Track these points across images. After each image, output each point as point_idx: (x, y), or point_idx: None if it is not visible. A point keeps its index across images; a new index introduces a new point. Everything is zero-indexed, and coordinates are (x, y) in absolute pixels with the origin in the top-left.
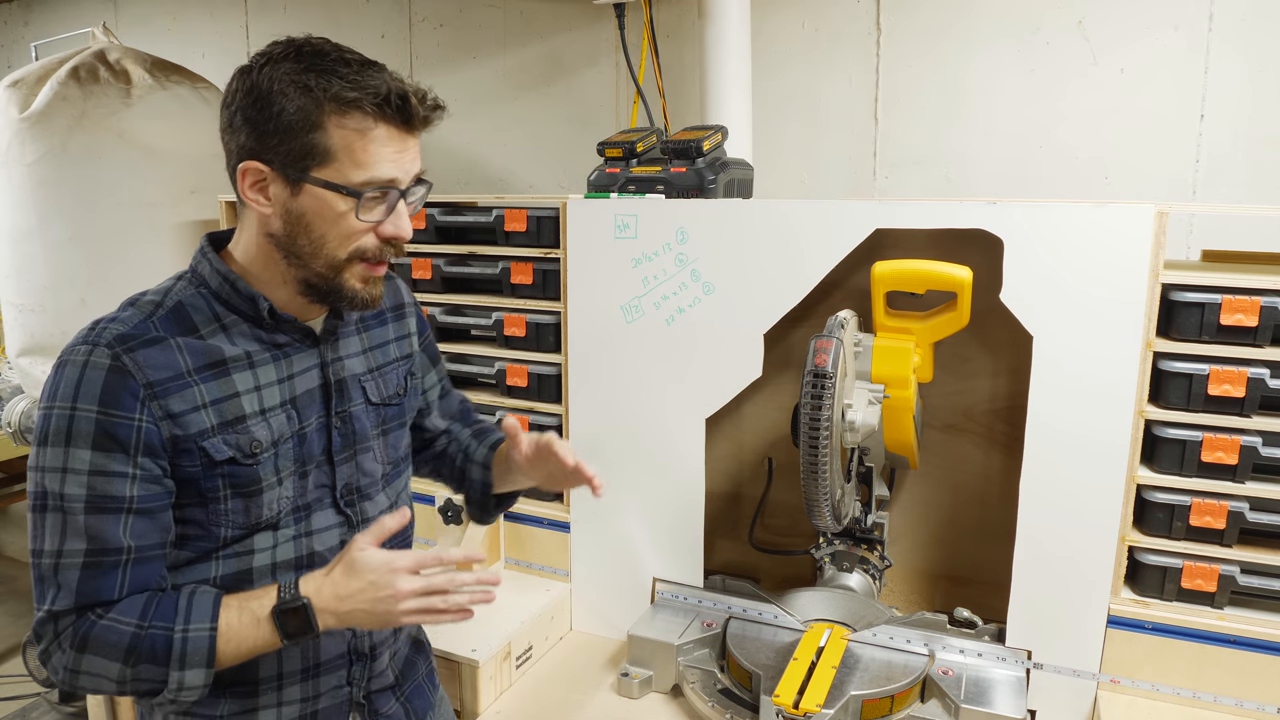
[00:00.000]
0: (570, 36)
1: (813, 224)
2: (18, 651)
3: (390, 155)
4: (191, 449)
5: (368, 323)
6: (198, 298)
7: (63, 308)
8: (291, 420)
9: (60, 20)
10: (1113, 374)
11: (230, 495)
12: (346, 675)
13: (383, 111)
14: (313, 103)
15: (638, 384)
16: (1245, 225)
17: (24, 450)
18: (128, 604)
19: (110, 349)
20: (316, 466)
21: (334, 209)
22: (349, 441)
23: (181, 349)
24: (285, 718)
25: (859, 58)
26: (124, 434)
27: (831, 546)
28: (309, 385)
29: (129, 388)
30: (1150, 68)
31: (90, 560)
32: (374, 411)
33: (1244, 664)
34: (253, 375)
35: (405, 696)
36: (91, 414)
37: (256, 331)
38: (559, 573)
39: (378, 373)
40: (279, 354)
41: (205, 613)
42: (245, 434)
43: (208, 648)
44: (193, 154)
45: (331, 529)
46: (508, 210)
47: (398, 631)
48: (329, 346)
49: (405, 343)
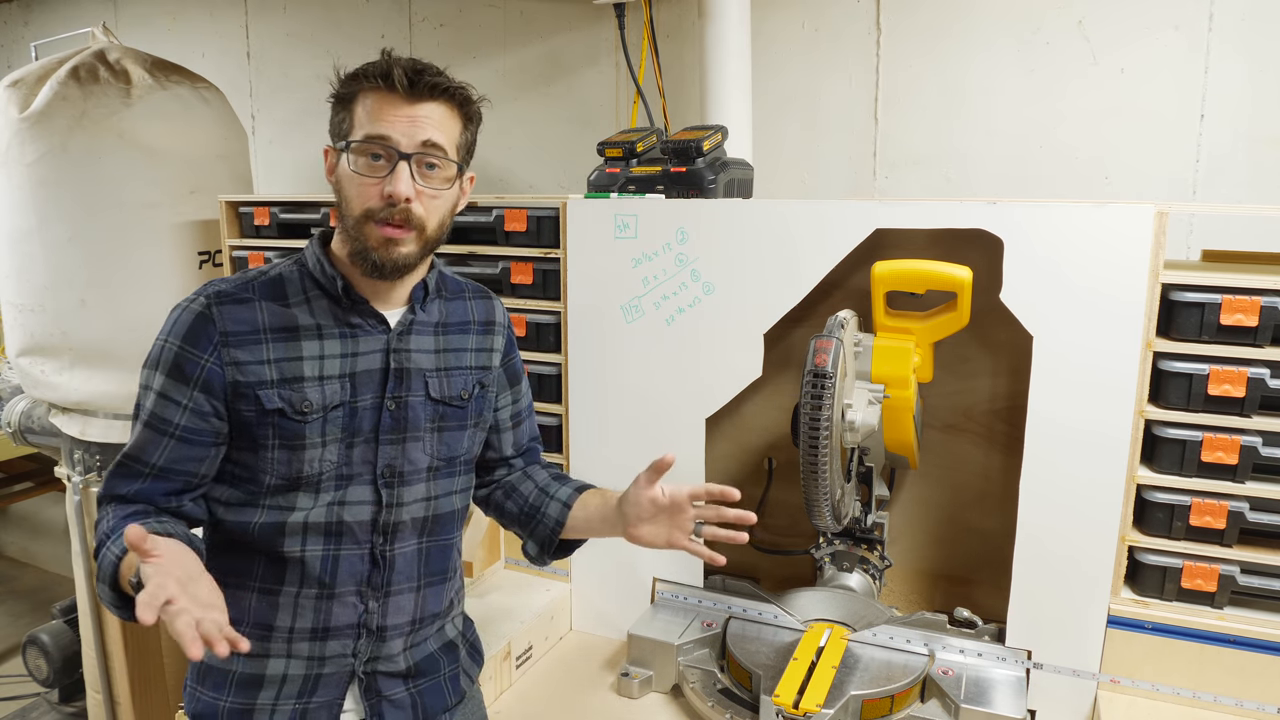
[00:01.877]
0: (570, 36)
1: (812, 224)
2: (18, 651)
3: (387, 116)
4: (249, 394)
5: (449, 327)
6: (295, 274)
7: (63, 308)
8: (345, 391)
9: (60, 20)
10: (1113, 374)
11: (277, 445)
12: (353, 646)
13: (379, 82)
14: (343, 86)
15: (638, 384)
16: (1245, 225)
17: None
18: (125, 506)
19: (207, 300)
20: (364, 441)
21: (348, 169)
22: (399, 426)
23: (264, 311)
24: (293, 671)
25: (859, 58)
26: (190, 368)
27: (831, 546)
28: (371, 366)
29: (208, 333)
30: (1150, 68)
31: (125, 462)
32: (431, 406)
33: (1244, 664)
34: (319, 345)
35: (418, 689)
36: (175, 347)
37: (335, 310)
38: (559, 573)
39: (444, 373)
40: (348, 332)
41: (122, 541)
42: (299, 392)
43: (111, 571)
44: (193, 154)
45: (365, 504)
46: (508, 210)
47: (418, 624)
48: (399, 336)
49: (485, 355)
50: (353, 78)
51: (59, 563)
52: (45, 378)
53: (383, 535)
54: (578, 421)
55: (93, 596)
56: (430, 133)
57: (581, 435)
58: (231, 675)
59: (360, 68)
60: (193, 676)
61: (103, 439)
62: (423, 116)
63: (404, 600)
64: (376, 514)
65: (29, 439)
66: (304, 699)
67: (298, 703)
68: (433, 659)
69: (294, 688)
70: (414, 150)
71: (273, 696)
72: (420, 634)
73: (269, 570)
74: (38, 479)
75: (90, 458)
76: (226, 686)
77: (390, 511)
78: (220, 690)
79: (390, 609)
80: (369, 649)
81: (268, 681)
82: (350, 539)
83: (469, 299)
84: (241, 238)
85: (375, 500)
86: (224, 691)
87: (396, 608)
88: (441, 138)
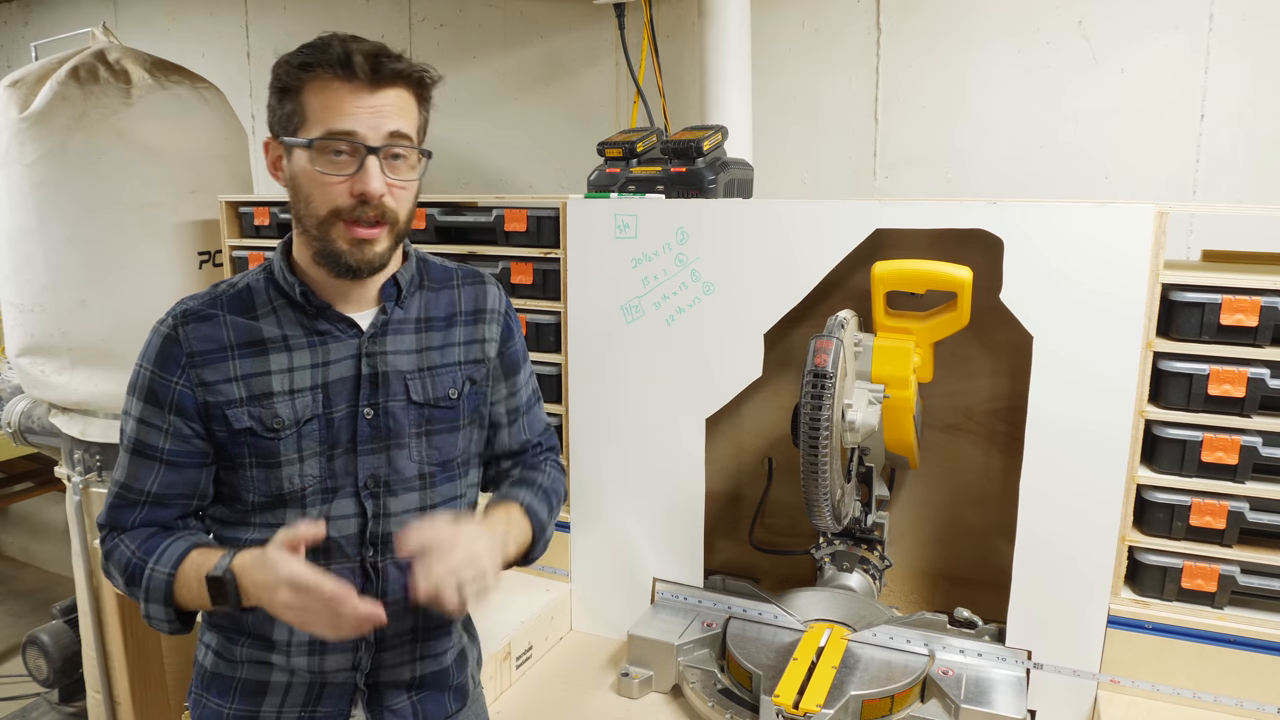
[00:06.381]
0: (570, 36)
1: (812, 224)
2: (18, 651)
3: (349, 109)
4: (219, 415)
5: (431, 322)
6: (261, 284)
7: (63, 308)
8: (318, 403)
9: (60, 20)
10: (1113, 374)
11: (254, 464)
12: (353, 659)
13: (336, 70)
14: (288, 74)
15: (638, 384)
16: (1245, 225)
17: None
18: (137, 533)
19: (174, 320)
20: (344, 453)
21: (309, 167)
22: (380, 434)
23: (229, 327)
24: (295, 683)
25: (859, 58)
26: (163, 393)
27: (831, 546)
28: (343, 374)
29: (174, 355)
30: (1150, 68)
31: (121, 492)
32: (415, 410)
33: (1244, 664)
34: (287, 357)
35: (419, 698)
36: (148, 372)
37: (301, 318)
38: (559, 573)
39: (428, 372)
40: (316, 340)
41: (171, 559)
42: (269, 409)
43: (164, 590)
44: (193, 154)
45: (350, 518)
46: (508, 210)
47: (422, 632)
48: (373, 339)
49: (475, 348)
50: (301, 66)
51: (59, 563)
52: (45, 378)
53: (372, 547)
54: (578, 422)
55: (92, 597)
56: (395, 122)
57: (582, 435)
58: (236, 682)
59: (306, 53)
60: (198, 683)
61: (103, 439)
62: (386, 105)
63: (402, 610)
64: (363, 526)
65: (29, 439)
66: (309, 708)
67: (303, 711)
68: (444, 670)
69: (299, 696)
70: (382, 143)
71: (277, 705)
72: (430, 645)
73: None
74: (38, 479)
75: (90, 458)
76: (231, 693)
77: (378, 523)
78: (225, 697)
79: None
80: (370, 661)
81: (272, 689)
82: (339, 554)
83: (458, 286)
84: (241, 238)
85: (360, 512)
86: (229, 698)
87: (395, 618)
88: (405, 125)
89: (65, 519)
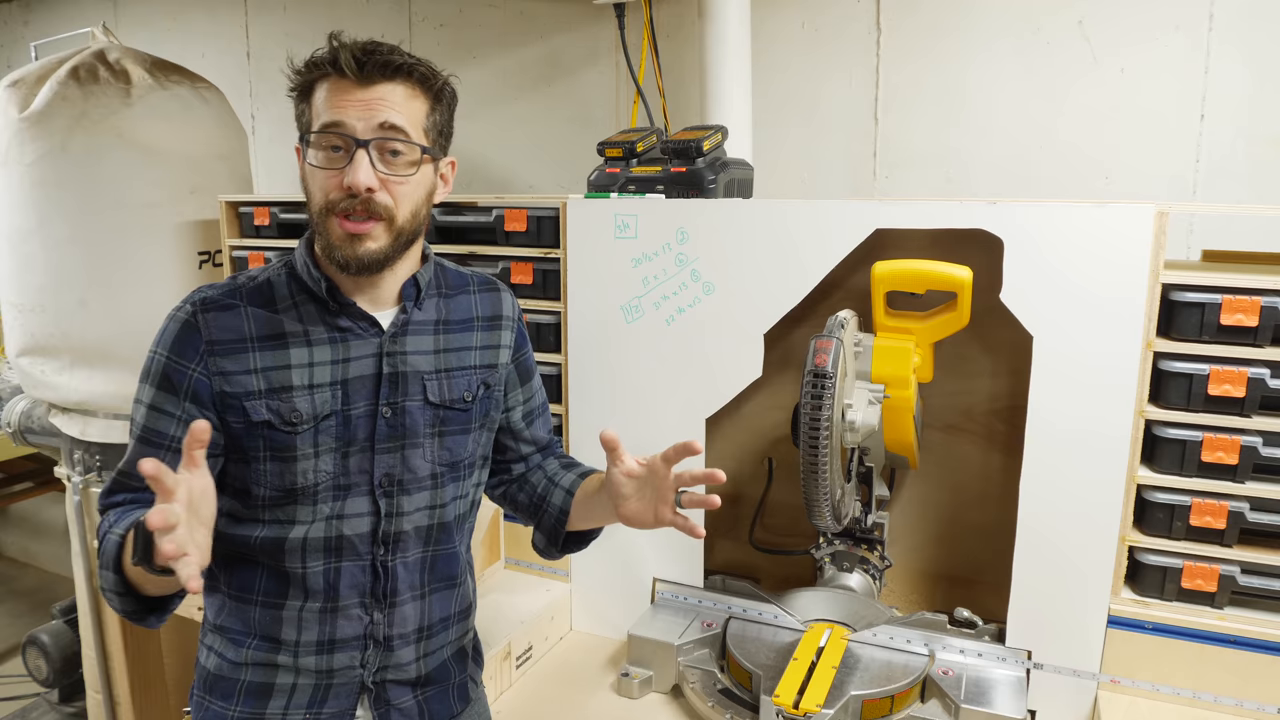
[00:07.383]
0: (570, 36)
1: (813, 224)
2: (18, 651)
3: (339, 102)
4: (237, 406)
5: (450, 325)
6: (283, 278)
7: (63, 308)
8: (336, 399)
9: (60, 20)
10: (1113, 374)
11: (268, 457)
12: (360, 658)
13: (329, 69)
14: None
15: (638, 384)
16: (1245, 225)
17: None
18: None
19: (193, 308)
20: (360, 451)
21: (309, 162)
22: (397, 433)
23: (250, 318)
24: (302, 681)
25: (859, 58)
26: (179, 379)
27: (831, 546)
28: (363, 371)
29: (193, 342)
30: (1150, 68)
31: (119, 478)
32: (431, 411)
33: (1244, 664)
34: (308, 352)
35: (425, 696)
36: (164, 358)
37: (323, 314)
38: (559, 573)
39: (445, 374)
40: (338, 336)
41: (126, 522)
42: (287, 403)
43: (115, 552)
44: (193, 154)
45: (363, 516)
46: (508, 210)
47: (427, 631)
48: (393, 339)
49: (491, 353)
50: (306, 68)
51: (59, 563)
52: (45, 378)
53: (383, 546)
54: (578, 422)
55: (92, 597)
56: (387, 115)
57: (582, 436)
58: (240, 684)
59: (312, 56)
60: (200, 685)
61: (103, 439)
62: (377, 99)
63: (408, 609)
64: (376, 525)
65: (29, 439)
66: (314, 709)
67: (308, 713)
68: (445, 667)
69: (304, 697)
70: (371, 135)
71: (282, 706)
72: (433, 642)
73: (272, 585)
74: (38, 479)
75: (90, 458)
76: (235, 696)
77: (390, 521)
78: (229, 700)
79: (395, 619)
80: (377, 659)
81: (277, 691)
82: (351, 552)
83: (474, 292)
84: (241, 238)
85: (374, 511)
86: (233, 701)
87: (401, 617)
88: (401, 119)
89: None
